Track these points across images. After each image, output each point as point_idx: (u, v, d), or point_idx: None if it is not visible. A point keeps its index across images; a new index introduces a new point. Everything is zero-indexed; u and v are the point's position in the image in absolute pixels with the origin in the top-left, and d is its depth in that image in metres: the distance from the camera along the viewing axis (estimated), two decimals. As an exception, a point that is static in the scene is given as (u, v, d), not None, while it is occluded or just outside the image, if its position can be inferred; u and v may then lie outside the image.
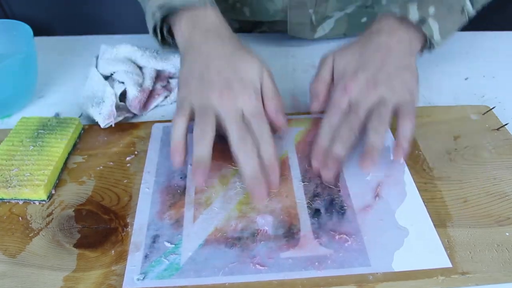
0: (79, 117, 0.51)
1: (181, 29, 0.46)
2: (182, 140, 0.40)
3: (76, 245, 0.37)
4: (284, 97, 0.44)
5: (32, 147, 0.44)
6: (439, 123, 0.48)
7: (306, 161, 0.44)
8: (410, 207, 0.39)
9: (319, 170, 0.42)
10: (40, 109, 0.54)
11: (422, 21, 0.45)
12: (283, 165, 0.44)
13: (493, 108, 0.50)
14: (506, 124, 0.47)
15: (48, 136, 0.46)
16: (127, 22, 0.88)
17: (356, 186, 0.41)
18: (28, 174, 0.41)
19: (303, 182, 0.42)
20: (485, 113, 0.49)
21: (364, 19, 0.65)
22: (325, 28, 0.65)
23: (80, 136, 0.48)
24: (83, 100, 0.51)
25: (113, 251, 0.37)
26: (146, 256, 0.36)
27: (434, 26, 0.46)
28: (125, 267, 0.35)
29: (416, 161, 0.44)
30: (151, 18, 0.47)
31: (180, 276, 0.34)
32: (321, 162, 0.42)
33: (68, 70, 0.61)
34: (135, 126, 0.49)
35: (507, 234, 0.37)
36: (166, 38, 0.50)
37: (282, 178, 0.42)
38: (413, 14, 0.45)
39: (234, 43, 0.45)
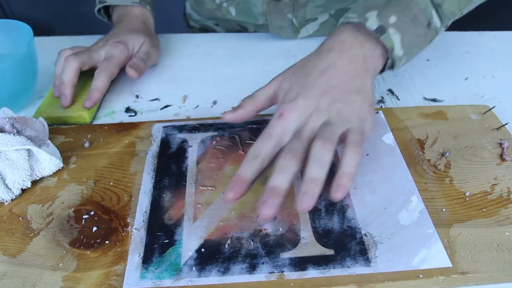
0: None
1: (113, 19, 0.63)
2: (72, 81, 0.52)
3: (76, 245, 0.37)
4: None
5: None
6: (439, 123, 0.48)
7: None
8: (410, 207, 0.39)
9: (231, 200, 0.35)
10: (40, 109, 0.54)
11: (381, 30, 0.40)
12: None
13: (493, 108, 0.50)
14: (506, 124, 0.47)
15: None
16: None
17: (356, 186, 0.41)
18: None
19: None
20: (485, 112, 0.49)
21: None
22: (309, 30, 0.65)
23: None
24: None
25: (113, 251, 0.37)
26: (146, 256, 0.36)
27: (395, 37, 0.40)
28: (125, 267, 0.35)
29: (416, 161, 0.44)
30: (97, 3, 0.63)
31: (180, 276, 0.34)
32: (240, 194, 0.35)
33: (68, 70, 0.61)
34: (135, 126, 0.49)
35: (507, 234, 0.37)
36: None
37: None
38: (372, 22, 0.40)
39: (133, 26, 0.59)
